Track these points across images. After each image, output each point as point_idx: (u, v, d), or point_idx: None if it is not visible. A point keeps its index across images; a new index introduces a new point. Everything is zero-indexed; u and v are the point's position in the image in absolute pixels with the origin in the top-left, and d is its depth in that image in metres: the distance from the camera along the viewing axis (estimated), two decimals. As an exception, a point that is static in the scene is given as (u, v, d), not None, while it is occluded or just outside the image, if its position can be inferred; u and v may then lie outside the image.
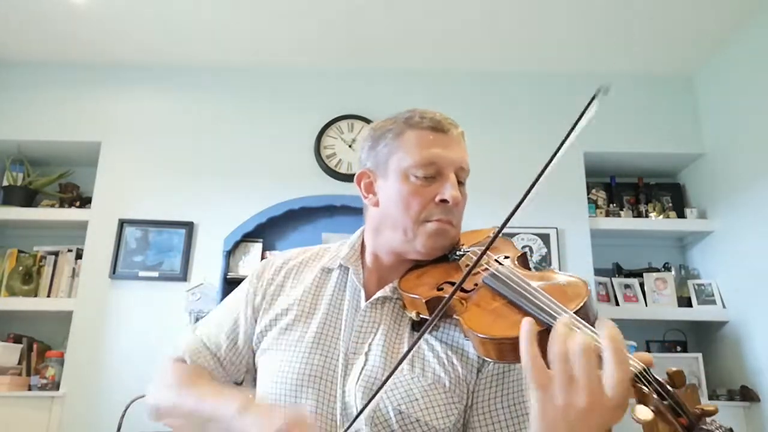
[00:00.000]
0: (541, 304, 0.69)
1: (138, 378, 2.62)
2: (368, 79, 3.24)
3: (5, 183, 3.08)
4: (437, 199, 0.89)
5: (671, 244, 3.28)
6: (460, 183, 0.93)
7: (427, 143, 0.90)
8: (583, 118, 0.72)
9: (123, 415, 2.28)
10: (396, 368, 0.75)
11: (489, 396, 0.83)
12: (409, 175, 0.90)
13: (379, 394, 0.78)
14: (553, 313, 0.67)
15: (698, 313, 2.91)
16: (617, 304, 2.97)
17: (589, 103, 0.71)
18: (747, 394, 2.65)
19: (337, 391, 0.85)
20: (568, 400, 0.58)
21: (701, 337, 3.07)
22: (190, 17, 2.85)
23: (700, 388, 2.72)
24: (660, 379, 0.57)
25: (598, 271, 2.99)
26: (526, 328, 0.62)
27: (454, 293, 0.76)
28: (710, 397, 2.72)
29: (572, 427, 0.58)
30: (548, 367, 0.60)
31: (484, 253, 0.79)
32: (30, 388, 2.71)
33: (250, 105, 3.19)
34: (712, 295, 2.93)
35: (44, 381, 2.70)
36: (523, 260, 0.90)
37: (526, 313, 0.70)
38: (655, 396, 0.56)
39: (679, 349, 3.00)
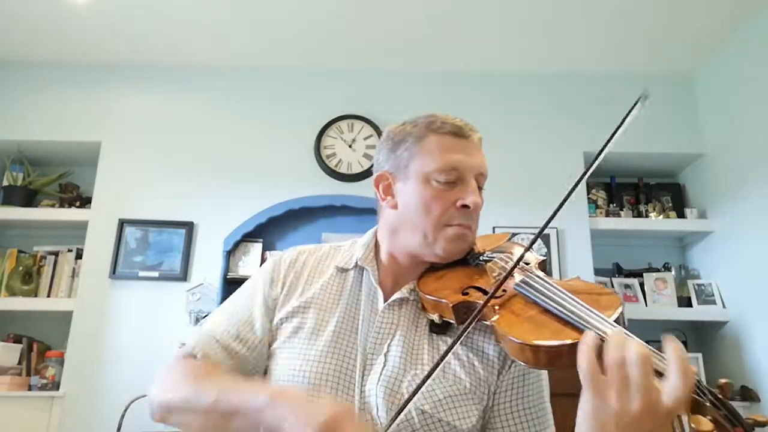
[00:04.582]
0: (581, 313, 0.70)
1: (138, 378, 2.62)
2: (368, 80, 3.23)
3: (5, 183, 3.08)
4: (459, 204, 0.90)
5: (671, 244, 3.28)
6: (479, 188, 0.94)
7: (449, 149, 0.91)
8: (624, 123, 0.75)
9: (123, 415, 2.28)
10: (431, 373, 0.75)
11: (510, 398, 0.86)
12: (431, 179, 0.90)
13: (402, 395, 0.81)
14: (593, 321, 0.68)
15: (698, 313, 2.91)
16: (617, 304, 2.96)
17: (631, 109, 0.73)
18: (747, 394, 2.65)
19: (355, 392, 0.85)
20: (622, 404, 0.60)
21: (701, 337, 3.06)
22: (191, 17, 2.85)
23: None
24: (713, 390, 0.59)
25: (598, 271, 2.98)
26: (588, 340, 0.64)
27: (488, 302, 0.78)
28: (710, 397, 2.72)
29: (623, 430, 0.61)
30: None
31: (517, 263, 0.82)
32: (30, 388, 2.71)
33: (250, 105, 3.18)
34: (712, 295, 2.93)
35: (44, 381, 2.70)
36: (542, 266, 0.91)
37: (564, 321, 0.72)
38: (710, 406, 0.57)
39: (679, 349, 2.99)
